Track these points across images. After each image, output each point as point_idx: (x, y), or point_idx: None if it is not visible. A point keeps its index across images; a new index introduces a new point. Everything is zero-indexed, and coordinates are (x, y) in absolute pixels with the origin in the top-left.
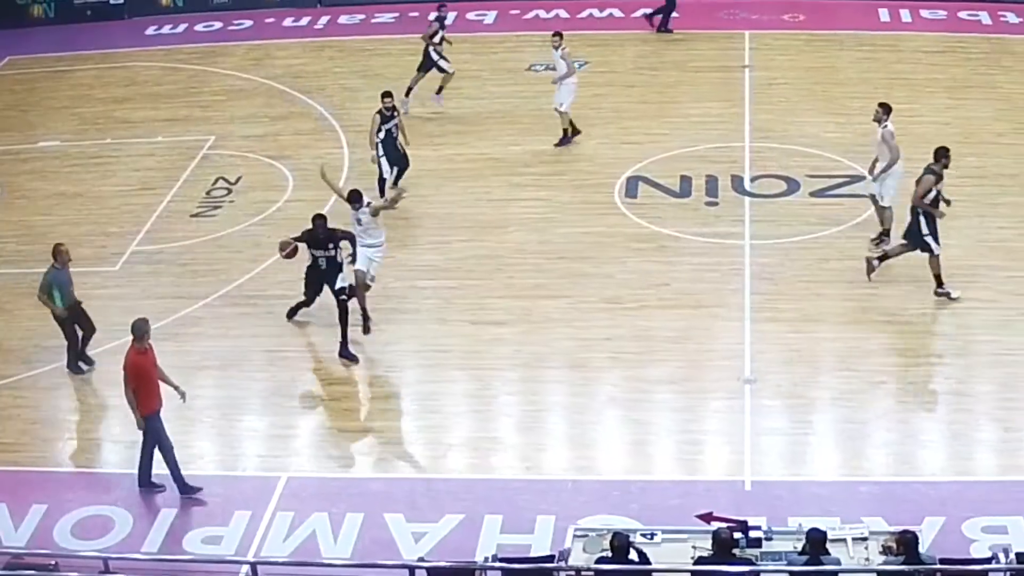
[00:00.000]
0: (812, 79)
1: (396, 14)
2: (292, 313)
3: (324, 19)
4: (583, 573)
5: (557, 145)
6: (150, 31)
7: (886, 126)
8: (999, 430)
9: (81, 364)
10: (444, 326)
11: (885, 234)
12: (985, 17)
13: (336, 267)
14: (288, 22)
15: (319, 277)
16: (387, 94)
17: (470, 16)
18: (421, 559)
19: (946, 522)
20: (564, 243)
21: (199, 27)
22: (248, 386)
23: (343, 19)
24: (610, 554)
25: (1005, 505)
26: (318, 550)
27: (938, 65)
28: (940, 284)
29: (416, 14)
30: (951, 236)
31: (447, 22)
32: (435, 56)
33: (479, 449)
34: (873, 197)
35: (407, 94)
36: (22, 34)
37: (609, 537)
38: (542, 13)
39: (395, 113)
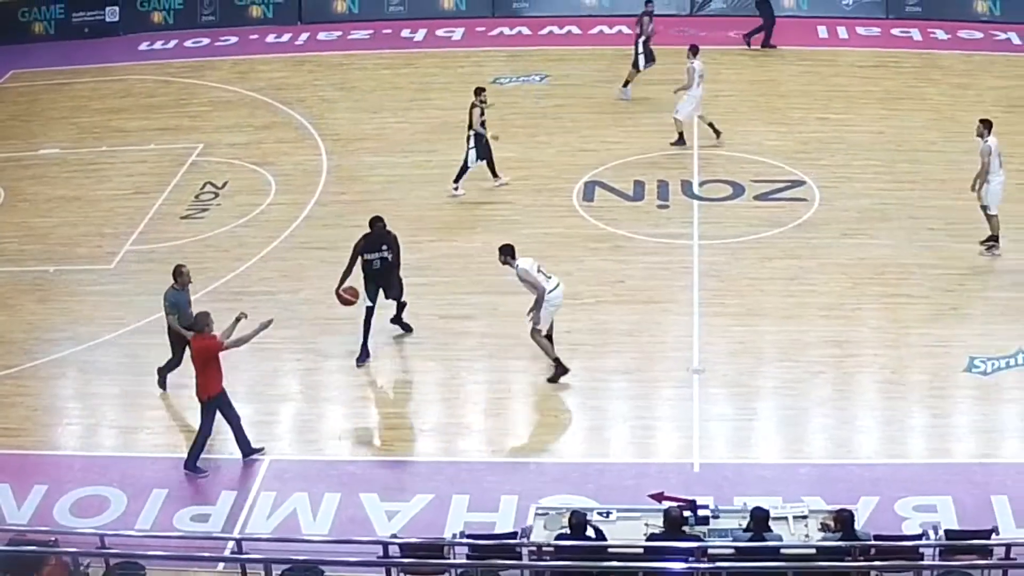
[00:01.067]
0: (756, 91)
1: (371, 31)
2: (366, 323)
3: (304, 36)
4: (544, 549)
5: (673, 144)
6: (143, 47)
7: (986, 141)
8: (929, 416)
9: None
10: (416, 320)
11: (993, 240)
12: (916, 34)
13: (391, 268)
14: (271, 38)
15: (376, 279)
16: (481, 89)
17: (439, 33)
18: (394, 535)
19: (880, 501)
20: (527, 243)
21: (188, 43)
22: (234, 375)
23: (322, 35)
24: (569, 531)
25: (934, 486)
26: (299, 527)
27: (872, 78)
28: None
29: (389, 31)
30: (885, 237)
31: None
32: (640, 51)
33: (448, 433)
34: (983, 207)
35: (624, 85)
36: (24, 49)
37: (568, 515)
38: (506, 30)
39: (481, 107)
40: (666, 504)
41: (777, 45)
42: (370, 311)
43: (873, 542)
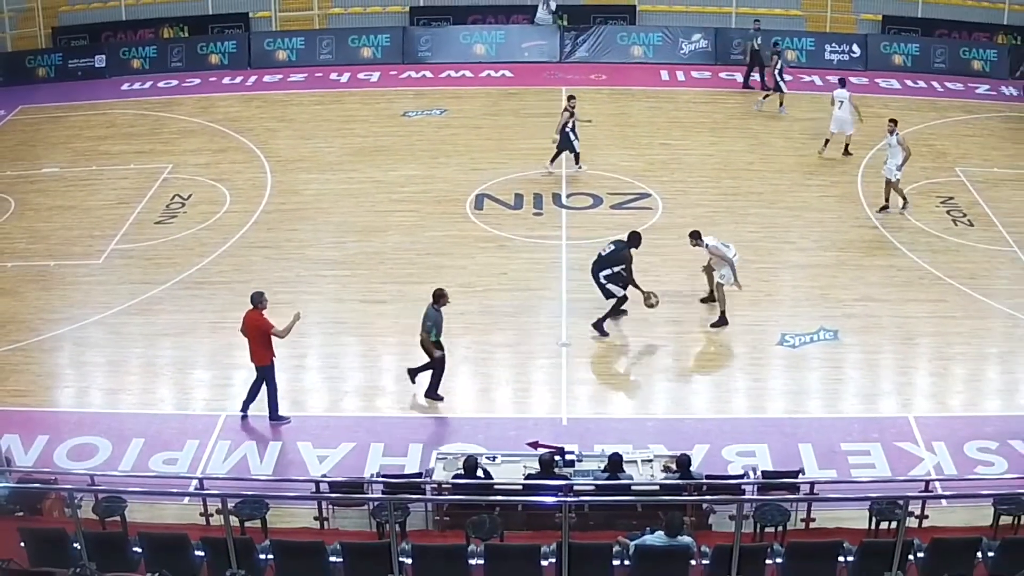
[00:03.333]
0: (612, 122)
1: (306, 74)
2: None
3: (253, 78)
4: (443, 486)
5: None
6: (124, 87)
7: (896, 134)
8: (749, 380)
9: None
10: (341, 304)
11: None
12: (739, 76)
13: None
14: (226, 80)
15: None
16: (572, 98)
17: (360, 75)
18: (324, 475)
19: (710, 448)
20: (429, 243)
21: (161, 84)
22: (197, 348)
23: (267, 78)
24: (463, 472)
25: (753, 436)
26: (248, 469)
27: (704, 112)
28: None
29: (320, 75)
30: (716, 238)
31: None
32: (777, 78)
33: (367, 395)
34: (895, 181)
35: (781, 104)
36: (30, 89)
37: (463, 459)
38: (413, 74)
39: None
40: (540, 450)
41: (755, 87)
42: (624, 299)
43: (704, 480)
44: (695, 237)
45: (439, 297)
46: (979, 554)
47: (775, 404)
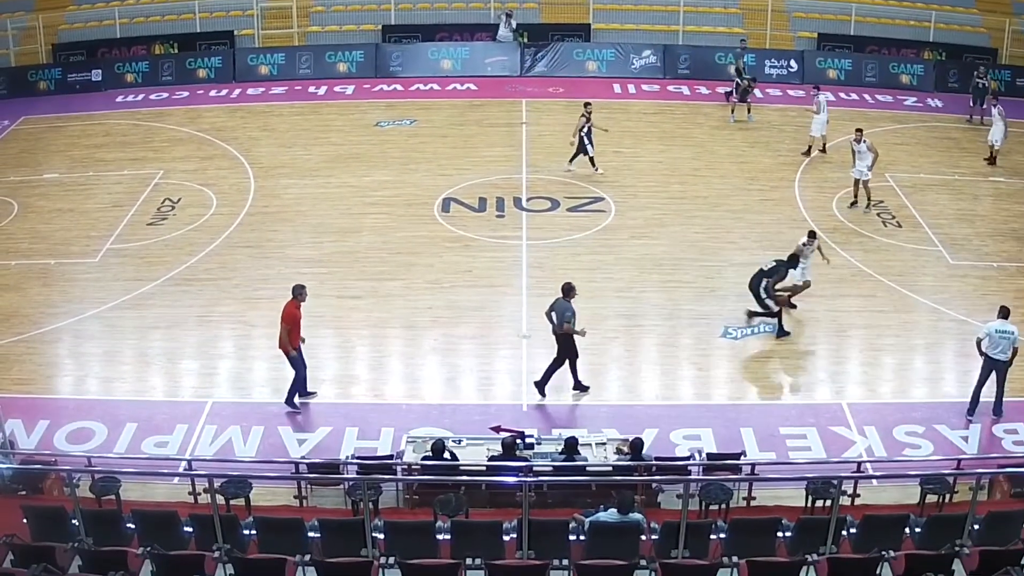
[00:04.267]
0: (568, 133)
1: (286, 87)
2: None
3: (237, 91)
4: (413, 467)
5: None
6: (119, 99)
7: (864, 142)
8: (694, 370)
9: (580, 383)
10: (319, 299)
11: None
12: (686, 89)
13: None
14: (213, 93)
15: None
16: (587, 104)
17: (336, 88)
18: (303, 457)
19: (659, 432)
20: (400, 243)
21: (152, 96)
22: (185, 339)
23: (250, 91)
24: (431, 454)
25: (698, 420)
26: (233, 451)
27: (653, 122)
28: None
29: (299, 88)
30: (663, 238)
31: None
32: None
33: (342, 383)
34: (865, 181)
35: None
36: (32, 101)
37: (431, 443)
38: (385, 87)
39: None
40: (502, 434)
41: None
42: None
43: (654, 462)
44: (811, 236)
45: (570, 290)
46: (907, 530)
47: (719, 391)
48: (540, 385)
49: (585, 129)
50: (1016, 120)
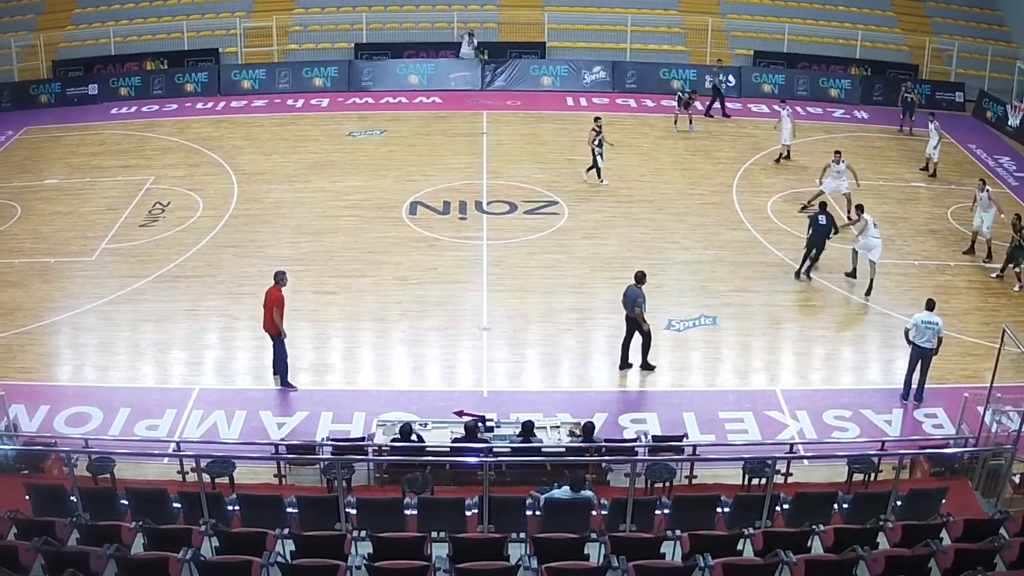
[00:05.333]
0: (525, 141)
1: (267, 100)
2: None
3: (222, 104)
4: (383, 448)
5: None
6: (114, 111)
7: (841, 162)
8: (639, 360)
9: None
10: (296, 294)
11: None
12: (633, 102)
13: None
14: (199, 105)
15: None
16: (598, 119)
17: (312, 101)
18: (282, 439)
19: (608, 416)
20: (371, 243)
21: (144, 108)
22: (175, 331)
23: (234, 104)
24: (400, 436)
25: (645, 406)
26: (218, 434)
27: (604, 132)
28: None
29: (279, 101)
30: (612, 239)
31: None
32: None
33: (318, 371)
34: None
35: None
36: (34, 113)
37: (399, 426)
38: (357, 100)
39: (601, 131)
40: (465, 418)
41: (730, 115)
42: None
43: (604, 444)
44: (859, 211)
45: (641, 277)
46: (835, 506)
47: (663, 379)
48: (624, 364)
49: (596, 141)
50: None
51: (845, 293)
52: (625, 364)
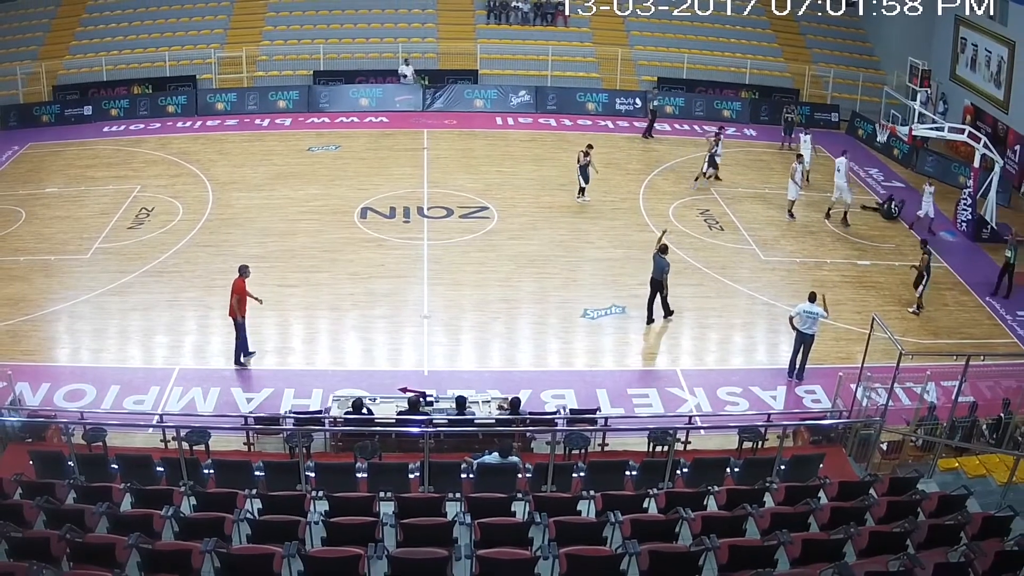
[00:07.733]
0: (460, 156)
1: (237, 120)
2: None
3: (199, 123)
4: (338, 420)
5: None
6: (105, 129)
7: (588, 159)
8: (560, 343)
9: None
10: (263, 287)
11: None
12: (553, 121)
13: None
14: (179, 124)
15: None
16: (590, 146)
17: (277, 121)
18: (250, 412)
19: (532, 392)
20: (328, 243)
21: (132, 127)
22: (158, 319)
23: (209, 123)
24: (352, 410)
25: (564, 383)
26: (195, 407)
27: (528, 147)
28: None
29: (248, 120)
30: (535, 239)
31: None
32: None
33: (281, 353)
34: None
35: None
36: (36, 131)
37: (352, 401)
38: (315, 119)
39: (589, 155)
40: (408, 394)
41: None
42: None
43: (528, 416)
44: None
45: (665, 250)
46: (727, 470)
47: (579, 360)
48: (650, 319)
49: (584, 163)
50: (816, 146)
51: (736, 286)
52: (650, 319)
